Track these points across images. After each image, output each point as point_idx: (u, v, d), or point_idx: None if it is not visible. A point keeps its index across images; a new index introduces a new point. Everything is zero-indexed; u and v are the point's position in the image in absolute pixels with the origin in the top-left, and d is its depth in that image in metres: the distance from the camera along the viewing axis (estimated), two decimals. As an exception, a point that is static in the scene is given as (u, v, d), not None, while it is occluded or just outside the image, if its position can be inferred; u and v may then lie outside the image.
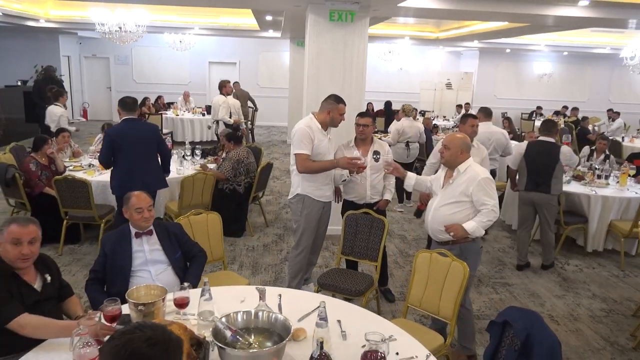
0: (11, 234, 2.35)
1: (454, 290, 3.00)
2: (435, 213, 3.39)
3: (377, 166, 4.08)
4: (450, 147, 3.32)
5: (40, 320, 2.23)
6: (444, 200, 3.36)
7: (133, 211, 2.87)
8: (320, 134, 3.92)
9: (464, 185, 3.26)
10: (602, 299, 4.59)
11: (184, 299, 2.43)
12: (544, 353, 2.21)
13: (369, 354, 2.08)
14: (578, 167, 6.32)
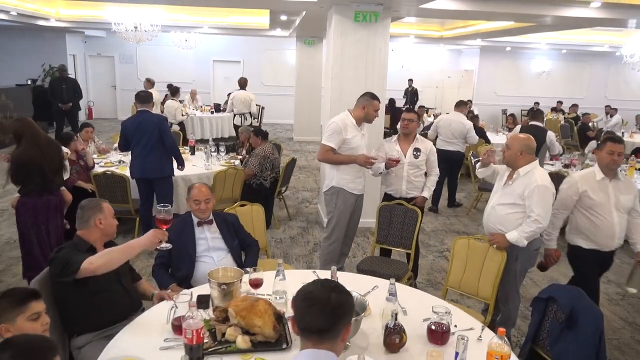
0: (111, 210, 2.74)
1: (492, 273, 3.25)
2: (492, 211, 3.43)
3: (416, 162, 4.23)
4: (511, 147, 3.31)
5: (102, 252, 2.45)
6: (502, 199, 3.37)
7: (192, 202, 3.11)
8: (353, 130, 4.11)
9: (522, 188, 3.24)
10: (617, 284, 4.87)
11: (259, 279, 2.66)
12: (589, 325, 2.46)
13: (435, 325, 2.33)
14: (587, 162, 6.64)
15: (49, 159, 3.97)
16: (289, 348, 2.24)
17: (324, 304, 1.58)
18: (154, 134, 4.93)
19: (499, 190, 3.42)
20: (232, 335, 2.26)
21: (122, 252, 2.43)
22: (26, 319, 1.92)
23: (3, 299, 1.96)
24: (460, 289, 3.41)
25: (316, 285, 1.66)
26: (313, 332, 1.59)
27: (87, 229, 2.66)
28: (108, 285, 2.58)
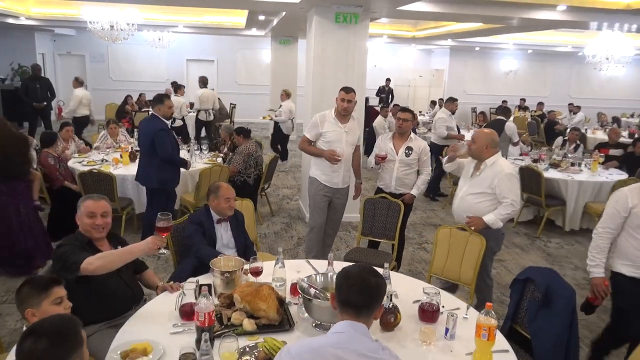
0: (87, 207, 2.71)
1: (473, 260, 3.49)
2: (462, 201, 3.73)
3: (407, 161, 4.39)
4: (477, 142, 3.60)
5: (101, 254, 2.53)
6: (471, 189, 3.67)
7: (223, 200, 3.23)
8: (332, 124, 4.30)
9: (490, 178, 3.55)
10: (584, 270, 5.20)
11: (259, 267, 2.80)
12: (563, 302, 2.70)
13: (426, 305, 2.53)
14: (554, 156, 7.02)
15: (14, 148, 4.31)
16: (292, 329, 2.40)
17: (365, 284, 1.78)
18: (147, 142, 4.75)
19: (467, 181, 3.71)
20: (237, 319, 2.40)
21: (120, 256, 2.53)
22: (50, 303, 2.02)
23: (25, 286, 2.06)
24: (443, 275, 3.63)
25: (358, 268, 1.86)
26: (352, 307, 1.77)
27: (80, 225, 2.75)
28: (108, 278, 2.65)
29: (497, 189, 3.52)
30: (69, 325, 1.65)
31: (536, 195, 6.13)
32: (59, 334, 1.60)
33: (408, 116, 4.45)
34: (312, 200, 4.52)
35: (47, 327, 1.62)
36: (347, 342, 1.68)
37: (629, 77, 17.12)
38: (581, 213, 6.21)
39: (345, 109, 4.23)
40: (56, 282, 2.09)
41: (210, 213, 3.32)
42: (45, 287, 2.03)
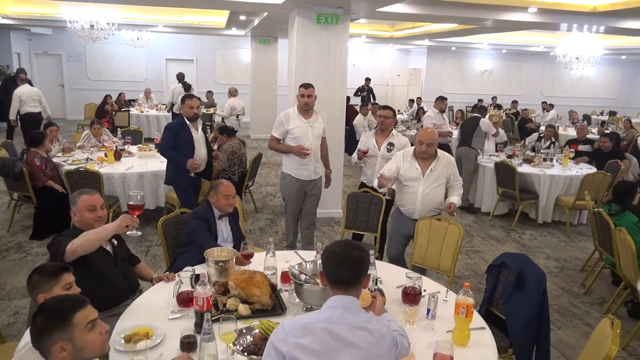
0: (86, 202, 2.79)
1: (452, 248, 3.68)
2: (425, 198, 3.88)
3: (388, 156, 4.52)
4: (434, 143, 3.85)
5: (80, 235, 2.61)
6: (431, 185, 3.88)
7: (222, 197, 3.33)
8: (297, 120, 4.55)
9: (445, 168, 3.89)
10: (556, 259, 5.48)
11: (250, 253, 2.97)
12: (535, 284, 2.92)
13: (409, 289, 2.71)
14: (527, 152, 7.32)
15: None
16: (284, 313, 2.55)
17: (351, 260, 1.87)
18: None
19: (422, 180, 3.87)
20: (232, 304, 2.54)
21: (96, 234, 2.62)
22: (61, 288, 2.13)
23: (35, 274, 2.16)
24: (424, 264, 3.83)
25: (342, 245, 1.95)
26: (341, 283, 1.87)
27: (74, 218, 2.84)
28: (106, 269, 2.78)
29: (452, 175, 3.94)
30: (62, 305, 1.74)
31: (511, 189, 6.39)
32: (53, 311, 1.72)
33: (389, 113, 4.64)
34: (287, 194, 4.82)
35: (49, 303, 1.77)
36: (339, 317, 1.78)
37: (599, 76, 17.71)
38: (553, 206, 6.50)
39: (305, 103, 4.49)
40: (66, 269, 2.19)
41: (212, 208, 3.43)
42: (55, 274, 2.14)
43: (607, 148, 7.22)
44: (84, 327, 1.70)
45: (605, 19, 7.14)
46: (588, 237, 6.15)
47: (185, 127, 4.75)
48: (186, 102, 4.74)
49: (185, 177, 4.80)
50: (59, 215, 5.39)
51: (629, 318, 4.13)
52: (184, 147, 4.74)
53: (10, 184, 5.49)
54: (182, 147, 4.73)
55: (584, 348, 2.57)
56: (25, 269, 4.63)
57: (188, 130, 4.76)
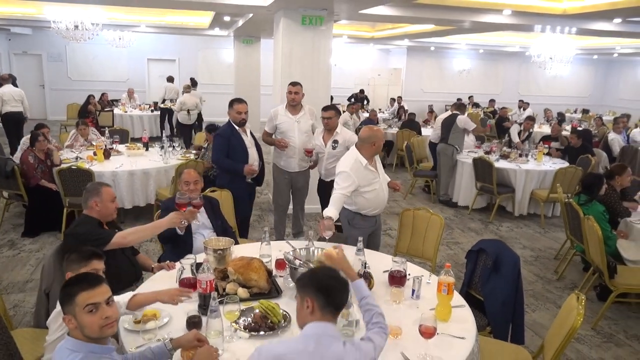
0: (109, 193, 3.05)
1: (434, 237, 3.91)
2: (386, 192, 3.88)
3: (333, 153, 4.74)
4: (380, 140, 3.70)
5: (132, 229, 2.98)
6: (384, 179, 3.87)
7: (183, 184, 3.53)
8: (284, 116, 5.00)
9: (379, 161, 3.87)
10: (531, 249, 5.78)
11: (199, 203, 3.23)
12: (510, 266, 3.17)
13: (395, 272, 2.93)
14: (504, 148, 7.64)
15: None
16: (280, 296, 2.75)
17: (346, 284, 1.96)
18: None
19: (376, 178, 3.73)
20: (232, 289, 2.72)
21: (151, 230, 3.01)
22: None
23: (74, 253, 2.33)
24: (408, 252, 4.05)
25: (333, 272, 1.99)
26: (339, 308, 1.93)
27: (87, 209, 3.02)
28: (115, 256, 2.95)
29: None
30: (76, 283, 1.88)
31: (488, 183, 6.68)
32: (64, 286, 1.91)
33: (332, 114, 4.79)
34: (275, 183, 5.29)
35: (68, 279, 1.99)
36: (314, 350, 1.78)
37: (573, 75, 18.26)
38: (528, 199, 6.82)
39: (293, 99, 4.93)
40: (96, 256, 2.34)
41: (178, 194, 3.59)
42: (86, 258, 2.30)
43: (576, 144, 7.61)
44: (82, 307, 1.77)
45: (575, 21, 7.50)
46: (561, 228, 6.46)
47: (235, 133, 4.59)
48: (234, 106, 4.55)
49: (241, 184, 4.64)
50: (50, 213, 5.52)
51: (598, 301, 4.43)
52: (237, 153, 4.58)
53: (1, 182, 5.56)
54: (235, 154, 4.58)
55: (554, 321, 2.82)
56: (20, 265, 4.73)
57: (238, 135, 4.60)
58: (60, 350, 1.81)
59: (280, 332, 2.35)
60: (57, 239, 5.43)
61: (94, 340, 1.81)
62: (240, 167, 4.55)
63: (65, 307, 1.81)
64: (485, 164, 6.67)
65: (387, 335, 2.07)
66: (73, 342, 1.81)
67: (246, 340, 2.31)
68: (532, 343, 3.70)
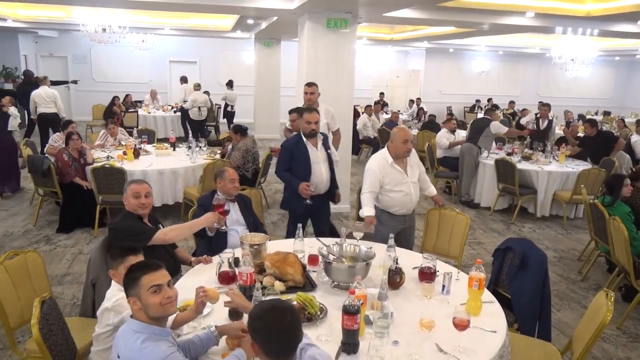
0: (132, 189, 3.17)
1: (460, 236, 3.98)
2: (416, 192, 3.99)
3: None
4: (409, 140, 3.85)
5: (173, 227, 3.17)
6: (415, 178, 3.97)
7: (228, 182, 3.66)
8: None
9: (417, 166, 4.00)
10: (554, 250, 5.81)
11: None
12: (537, 264, 3.23)
13: (425, 268, 3.01)
14: (525, 150, 7.66)
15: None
16: (314, 289, 2.85)
17: (289, 328, 1.76)
18: None
19: (404, 179, 3.87)
20: (269, 282, 2.84)
21: (189, 228, 3.23)
22: (124, 269, 2.41)
23: (112, 250, 2.47)
24: (434, 251, 4.13)
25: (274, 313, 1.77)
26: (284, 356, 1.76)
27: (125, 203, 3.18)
28: (155, 249, 3.09)
29: (421, 167, 4.09)
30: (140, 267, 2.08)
31: (510, 185, 6.71)
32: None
33: (294, 117, 5.06)
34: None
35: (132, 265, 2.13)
36: None
37: (594, 77, 18.11)
38: (551, 200, 6.83)
39: (309, 99, 5.11)
40: (132, 252, 2.47)
41: (217, 195, 3.75)
42: (122, 255, 2.44)
43: (591, 133, 7.61)
44: (147, 289, 1.95)
45: (598, 23, 7.49)
46: (584, 229, 6.48)
47: (301, 145, 4.20)
48: (303, 115, 4.19)
49: (300, 202, 4.22)
50: (83, 210, 5.72)
51: (623, 301, 4.45)
52: (299, 167, 4.19)
53: (37, 180, 5.77)
54: (297, 168, 4.20)
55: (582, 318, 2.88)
56: (57, 260, 4.92)
57: (304, 148, 4.20)
58: (124, 331, 1.96)
59: (318, 323, 2.46)
60: (90, 235, 5.62)
61: (156, 322, 1.95)
62: (295, 182, 4.16)
63: (129, 290, 1.97)
64: (507, 165, 6.71)
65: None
66: (137, 324, 1.95)
67: (286, 330, 2.42)
68: (558, 341, 3.74)
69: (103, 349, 2.40)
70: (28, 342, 2.77)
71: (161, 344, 1.92)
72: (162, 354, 1.88)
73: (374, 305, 2.55)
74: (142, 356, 1.88)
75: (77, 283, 4.47)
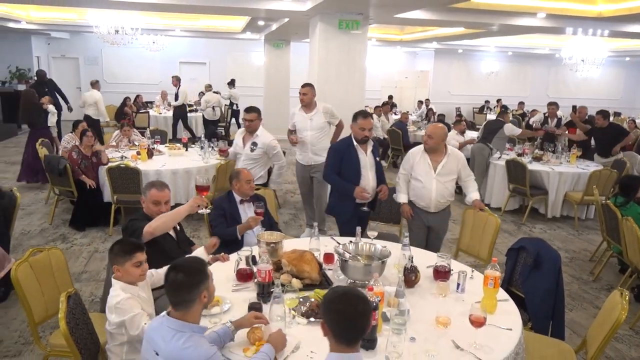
0: (152, 196, 3.19)
1: (489, 238, 3.91)
2: (441, 191, 4.04)
3: (251, 155, 5.15)
4: (434, 137, 3.96)
5: (157, 217, 3.03)
6: (441, 179, 4.02)
7: (244, 182, 3.71)
8: (298, 115, 5.51)
9: (454, 164, 4.05)
10: (565, 250, 5.81)
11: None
12: (550, 264, 3.26)
13: (440, 267, 3.05)
14: (536, 151, 7.66)
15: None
16: (331, 287, 2.89)
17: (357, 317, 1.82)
18: None
19: (433, 174, 4.01)
20: (286, 279, 2.88)
21: (171, 216, 3.05)
22: (132, 265, 2.46)
23: (116, 245, 2.51)
24: (467, 250, 4.14)
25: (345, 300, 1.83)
26: (346, 339, 1.81)
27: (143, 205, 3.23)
28: (171, 249, 3.15)
29: (463, 170, 4.11)
30: (198, 263, 2.14)
31: (521, 185, 6.72)
32: (190, 270, 2.07)
33: (253, 117, 5.07)
34: (296, 175, 5.83)
35: (183, 264, 2.12)
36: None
37: (603, 77, 18.01)
38: (562, 201, 6.83)
39: (301, 100, 5.39)
40: (139, 248, 2.52)
41: (233, 196, 3.82)
42: (129, 252, 2.47)
43: (602, 124, 7.61)
44: (211, 278, 2.13)
45: (610, 24, 7.48)
46: (595, 230, 6.48)
47: (351, 149, 4.12)
48: (358, 120, 4.08)
49: (349, 205, 4.17)
50: (96, 209, 5.81)
51: (635, 302, 4.46)
52: (348, 172, 4.13)
53: (54, 179, 5.86)
54: (345, 172, 4.14)
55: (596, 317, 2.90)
56: (73, 258, 5.00)
57: (355, 152, 4.12)
58: (161, 329, 2.00)
59: (337, 319, 2.50)
60: (105, 233, 5.70)
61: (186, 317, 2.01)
62: (351, 187, 4.08)
63: (202, 285, 2.05)
64: (518, 166, 6.72)
65: None
66: (175, 322, 1.99)
67: (304, 326, 2.46)
68: (570, 341, 3.75)
69: (117, 344, 2.44)
70: (52, 337, 2.84)
71: (202, 343, 1.98)
72: (206, 354, 1.93)
73: (390, 303, 2.59)
74: (184, 356, 1.92)
75: (94, 281, 4.55)
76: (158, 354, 1.97)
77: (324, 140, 5.44)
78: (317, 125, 5.42)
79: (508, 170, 6.92)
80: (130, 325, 2.35)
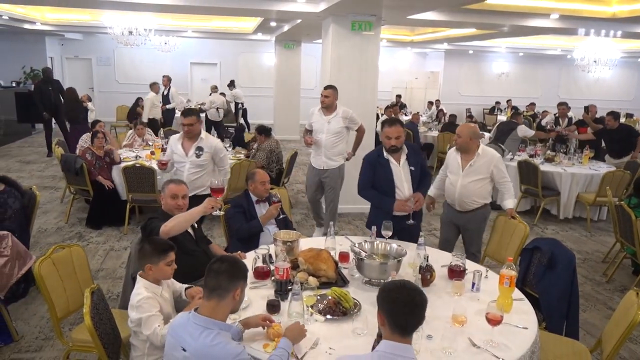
0: (170, 190, 3.27)
1: (516, 244, 3.82)
2: (464, 190, 4.03)
3: (198, 162, 4.47)
4: (462, 136, 3.97)
5: (172, 218, 3.06)
6: (469, 178, 3.98)
7: (259, 184, 3.77)
8: (318, 116, 5.42)
9: (486, 165, 3.95)
10: (578, 252, 5.80)
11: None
12: (565, 264, 3.27)
13: (454, 266, 3.08)
14: (548, 152, 7.65)
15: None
16: (346, 285, 2.93)
17: (415, 307, 1.91)
18: None
19: (461, 174, 4.02)
20: (302, 277, 2.92)
21: (185, 217, 3.09)
22: (165, 264, 2.52)
23: (149, 245, 2.56)
24: (493, 256, 4.08)
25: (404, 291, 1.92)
26: (407, 331, 1.89)
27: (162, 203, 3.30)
28: (189, 248, 3.21)
29: (496, 172, 3.99)
30: (242, 264, 2.20)
31: (533, 186, 6.71)
32: (235, 263, 2.15)
33: (192, 120, 4.41)
34: (307, 177, 5.81)
35: (229, 258, 2.23)
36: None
37: (615, 78, 17.89)
38: (574, 202, 6.81)
39: (322, 102, 5.29)
40: (172, 248, 2.58)
41: (249, 196, 3.87)
42: (165, 251, 2.53)
43: (613, 126, 7.59)
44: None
45: (623, 25, 7.45)
46: (607, 232, 6.45)
47: (382, 160, 3.85)
48: (384, 129, 3.81)
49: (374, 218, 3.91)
50: (112, 208, 5.89)
51: (649, 303, 4.44)
52: (380, 184, 3.86)
53: (70, 178, 5.95)
54: (378, 185, 3.87)
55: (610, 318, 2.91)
56: (90, 256, 5.08)
57: (386, 163, 3.84)
58: (188, 325, 2.04)
59: (354, 317, 2.53)
60: (120, 232, 5.78)
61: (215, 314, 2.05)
62: (388, 202, 3.79)
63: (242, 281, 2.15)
64: (530, 167, 6.71)
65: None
66: (202, 319, 2.03)
67: (322, 322, 2.50)
68: (584, 341, 3.75)
69: (140, 340, 2.48)
70: (74, 332, 2.90)
71: (230, 341, 2.02)
72: (234, 352, 1.96)
73: (407, 301, 2.62)
74: (213, 353, 1.95)
75: (111, 278, 4.63)
76: (185, 350, 2.00)
77: (339, 145, 5.37)
78: (334, 129, 5.32)
79: (520, 171, 6.91)
80: (144, 324, 2.39)
